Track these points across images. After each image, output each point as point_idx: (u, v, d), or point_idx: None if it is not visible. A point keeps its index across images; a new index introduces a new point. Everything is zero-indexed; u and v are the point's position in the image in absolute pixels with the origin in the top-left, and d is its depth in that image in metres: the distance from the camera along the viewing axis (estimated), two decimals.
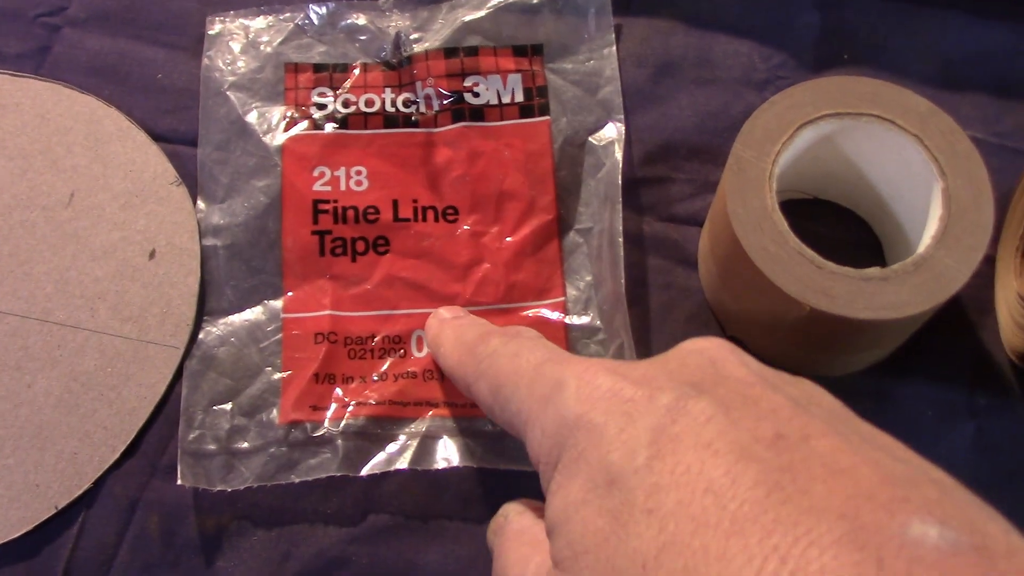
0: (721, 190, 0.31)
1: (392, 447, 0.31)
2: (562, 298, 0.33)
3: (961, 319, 0.33)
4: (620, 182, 0.34)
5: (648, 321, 0.34)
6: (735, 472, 0.16)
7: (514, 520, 0.24)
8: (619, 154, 0.35)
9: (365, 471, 0.31)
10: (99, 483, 0.31)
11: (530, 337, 0.25)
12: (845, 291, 0.28)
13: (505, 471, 0.31)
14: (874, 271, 0.28)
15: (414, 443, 0.31)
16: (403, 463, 0.31)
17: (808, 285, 0.28)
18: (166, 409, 0.32)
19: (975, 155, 0.29)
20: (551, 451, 0.20)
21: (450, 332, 0.29)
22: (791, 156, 0.30)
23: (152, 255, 0.34)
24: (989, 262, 0.34)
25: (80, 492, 0.31)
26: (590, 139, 0.35)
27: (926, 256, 0.28)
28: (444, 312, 0.31)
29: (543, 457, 0.20)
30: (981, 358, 0.33)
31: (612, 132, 0.35)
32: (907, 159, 0.30)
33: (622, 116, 0.36)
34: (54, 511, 0.31)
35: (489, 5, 0.37)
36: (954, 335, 0.33)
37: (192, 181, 0.35)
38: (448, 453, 0.31)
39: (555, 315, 0.33)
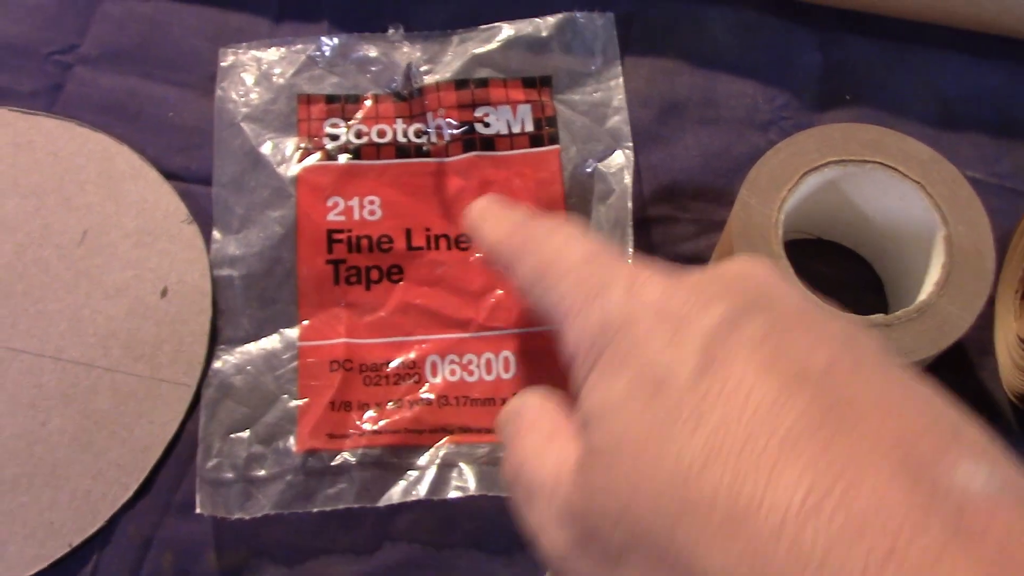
0: (727, 235, 0.31)
1: (409, 476, 0.32)
2: None
3: (961, 360, 0.34)
4: (631, 206, 0.34)
5: None
6: (784, 397, 0.16)
7: (532, 409, 0.23)
8: (628, 180, 0.35)
9: (382, 502, 0.31)
10: (113, 521, 0.32)
11: (581, 227, 0.25)
12: None
13: None
14: (878, 318, 0.28)
15: (431, 472, 0.32)
16: (420, 493, 0.31)
17: None
18: (178, 447, 0.33)
19: (976, 202, 0.30)
20: (591, 348, 0.19)
21: (497, 208, 0.28)
22: (796, 201, 0.31)
23: (164, 293, 0.35)
24: (989, 303, 0.34)
25: (94, 530, 0.31)
26: (599, 166, 0.36)
27: (929, 303, 0.29)
28: (482, 200, 0.30)
29: (581, 352, 0.20)
30: (981, 398, 0.33)
31: (621, 159, 0.36)
32: (909, 206, 0.31)
33: (630, 144, 0.36)
34: (68, 549, 0.31)
35: (499, 39, 0.38)
36: (954, 375, 0.34)
37: (203, 219, 0.35)
38: (465, 481, 0.32)
39: None
